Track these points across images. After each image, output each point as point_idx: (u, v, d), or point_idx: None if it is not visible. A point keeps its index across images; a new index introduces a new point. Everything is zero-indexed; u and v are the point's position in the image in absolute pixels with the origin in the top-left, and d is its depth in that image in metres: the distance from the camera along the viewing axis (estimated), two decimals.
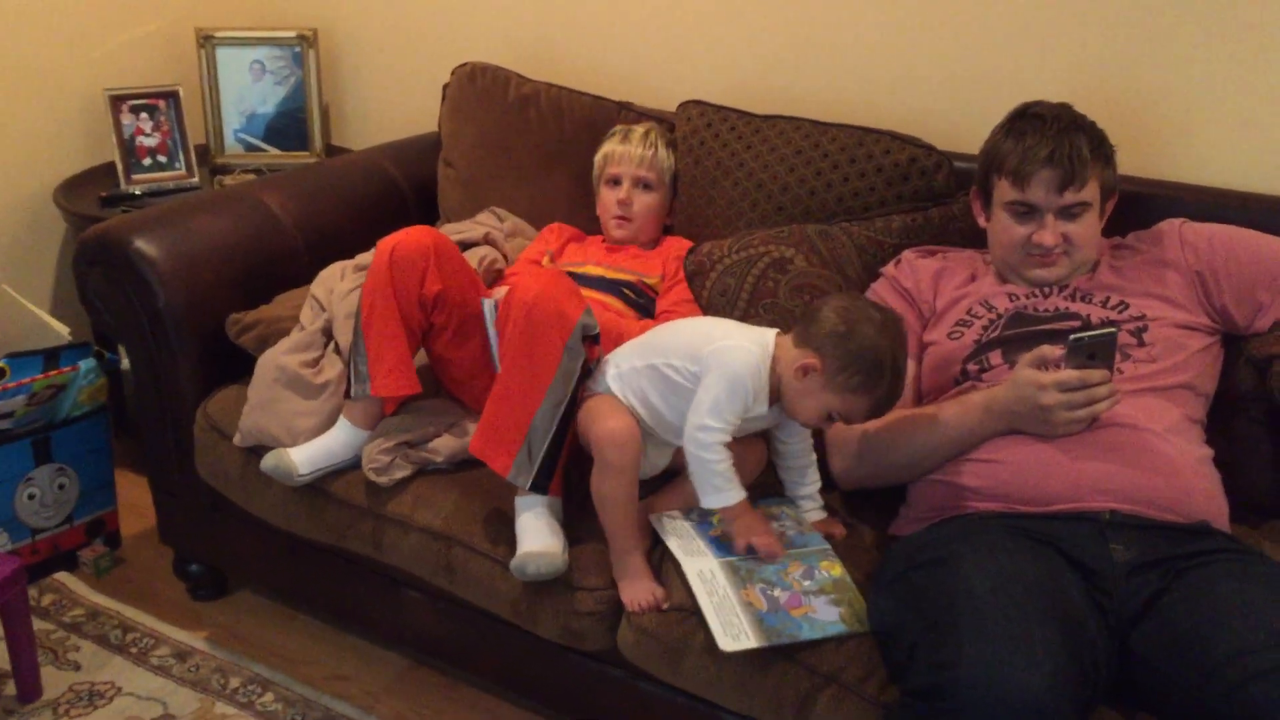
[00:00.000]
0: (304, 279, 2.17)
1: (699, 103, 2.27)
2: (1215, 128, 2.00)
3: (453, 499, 1.83)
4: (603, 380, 1.74)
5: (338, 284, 2.08)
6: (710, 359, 1.63)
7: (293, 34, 2.83)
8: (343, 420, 1.89)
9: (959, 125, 2.12)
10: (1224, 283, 1.77)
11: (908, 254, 1.96)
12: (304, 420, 1.92)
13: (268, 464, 1.88)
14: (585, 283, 2.06)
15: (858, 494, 1.82)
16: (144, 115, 2.71)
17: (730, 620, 1.52)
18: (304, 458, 1.87)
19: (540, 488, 1.69)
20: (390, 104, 2.91)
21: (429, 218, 2.51)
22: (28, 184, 2.68)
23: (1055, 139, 1.71)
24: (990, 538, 1.49)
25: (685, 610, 1.61)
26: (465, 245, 2.26)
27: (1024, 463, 1.60)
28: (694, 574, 1.59)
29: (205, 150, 2.87)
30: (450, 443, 1.88)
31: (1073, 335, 1.55)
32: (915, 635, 1.40)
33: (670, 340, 1.73)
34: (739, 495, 1.62)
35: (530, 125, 2.42)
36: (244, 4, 2.96)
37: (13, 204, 2.66)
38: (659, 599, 1.63)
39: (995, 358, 1.75)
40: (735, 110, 2.23)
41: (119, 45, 2.79)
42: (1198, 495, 1.58)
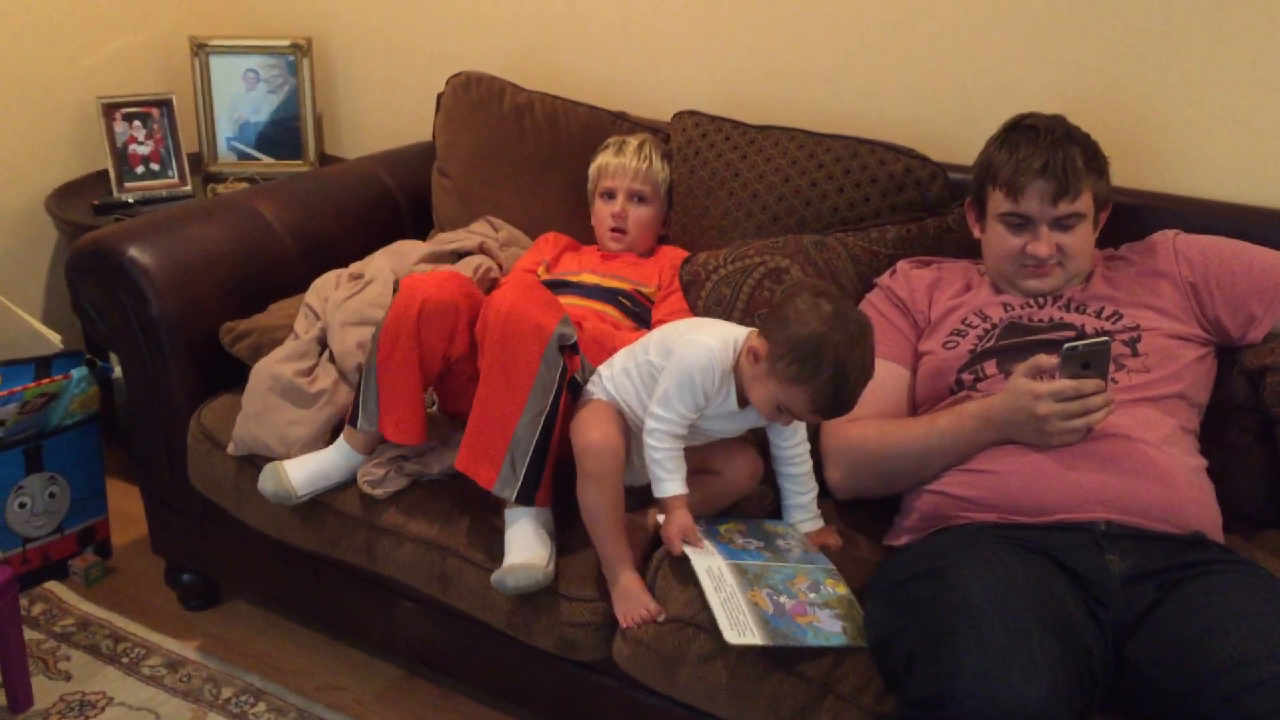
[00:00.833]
0: (298, 287, 2.16)
1: (694, 113, 2.27)
2: (1209, 140, 2.01)
3: (446, 509, 1.83)
4: (600, 384, 1.74)
5: (332, 292, 2.08)
6: (672, 352, 1.66)
7: (287, 43, 2.83)
8: (342, 443, 1.88)
9: (954, 136, 2.12)
10: (1217, 294, 1.77)
11: (903, 264, 1.97)
12: (298, 429, 1.91)
13: (266, 488, 1.87)
14: (581, 291, 2.06)
15: (853, 504, 1.82)
16: (137, 123, 2.71)
17: (737, 616, 1.52)
18: (301, 479, 1.86)
19: (527, 499, 1.69)
20: (384, 113, 2.91)
21: (423, 226, 2.50)
22: (20, 192, 2.67)
23: (1049, 150, 1.72)
24: (986, 548, 1.49)
25: (681, 621, 1.60)
26: (460, 254, 2.26)
27: (1019, 473, 1.60)
28: (702, 570, 1.59)
29: (198, 158, 2.86)
30: (445, 456, 1.87)
31: (1067, 345, 1.56)
32: (913, 646, 1.40)
33: (654, 336, 1.74)
34: (678, 489, 1.63)
35: (525, 135, 2.42)
36: (238, 13, 2.96)
37: (4, 211, 2.65)
38: (653, 614, 1.62)
39: (990, 367, 1.75)
40: (730, 120, 2.23)
41: (112, 53, 2.79)
42: (1192, 506, 1.59)
